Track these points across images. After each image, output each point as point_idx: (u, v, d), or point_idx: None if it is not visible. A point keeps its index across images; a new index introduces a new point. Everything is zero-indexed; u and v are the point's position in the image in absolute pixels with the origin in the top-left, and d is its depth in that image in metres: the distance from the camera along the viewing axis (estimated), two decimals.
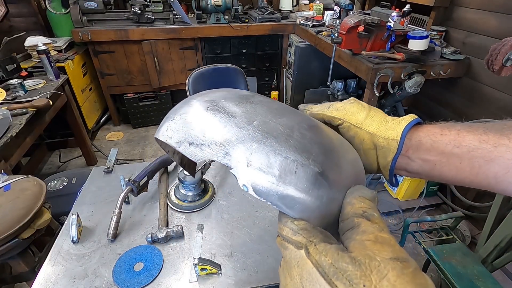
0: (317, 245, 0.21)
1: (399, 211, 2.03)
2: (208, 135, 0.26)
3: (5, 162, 1.45)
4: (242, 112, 0.28)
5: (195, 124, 0.27)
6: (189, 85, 1.81)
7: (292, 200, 0.23)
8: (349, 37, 1.83)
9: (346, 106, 0.37)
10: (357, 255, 0.19)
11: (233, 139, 0.25)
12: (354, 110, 0.36)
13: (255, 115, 0.27)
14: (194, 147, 0.26)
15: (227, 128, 0.26)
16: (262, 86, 3.27)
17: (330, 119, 0.37)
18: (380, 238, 0.19)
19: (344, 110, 0.36)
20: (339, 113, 0.36)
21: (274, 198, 0.23)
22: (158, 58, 2.77)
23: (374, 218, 0.22)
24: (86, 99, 2.71)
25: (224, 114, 0.27)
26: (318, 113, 0.38)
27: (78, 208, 0.97)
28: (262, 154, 0.24)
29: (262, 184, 0.23)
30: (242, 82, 1.95)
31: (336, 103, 0.38)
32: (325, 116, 0.37)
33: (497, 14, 1.65)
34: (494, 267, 1.26)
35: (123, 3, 2.99)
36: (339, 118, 0.36)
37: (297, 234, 0.22)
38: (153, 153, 2.74)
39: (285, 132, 0.26)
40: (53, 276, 0.77)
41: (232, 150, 0.25)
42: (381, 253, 0.18)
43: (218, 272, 0.77)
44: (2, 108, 1.49)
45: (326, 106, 0.38)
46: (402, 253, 0.19)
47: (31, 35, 2.32)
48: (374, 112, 0.36)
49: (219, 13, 2.77)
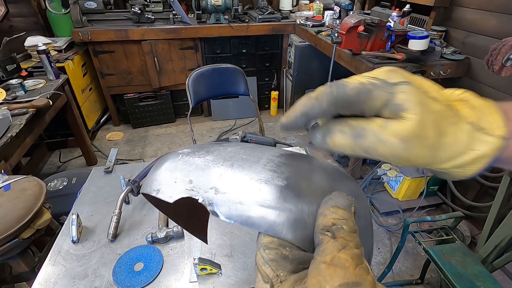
0: (283, 281, 0.21)
1: (399, 211, 2.03)
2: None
3: (5, 162, 1.44)
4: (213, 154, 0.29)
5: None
6: (189, 85, 1.81)
7: (260, 217, 0.23)
8: (349, 37, 1.83)
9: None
10: (309, 284, 0.18)
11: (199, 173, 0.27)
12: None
13: (223, 151, 0.29)
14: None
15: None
16: (262, 86, 3.27)
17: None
18: (336, 260, 0.18)
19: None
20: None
21: (242, 219, 0.23)
22: (158, 58, 2.77)
23: (340, 233, 0.20)
24: (86, 99, 2.71)
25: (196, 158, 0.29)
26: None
27: (78, 208, 0.97)
28: (227, 180, 0.25)
29: (229, 206, 0.24)
30: (242, 82, 1.95)
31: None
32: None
33: (497, 14, 1.65)
34: (494, 267, 1.26)
35: (123, 3, 2.99)
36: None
37: (266, 265, 0.22)
38: (153, 153, 2.74)
39: (251, 160, 0.27)
40: (53, 276, 0.77)
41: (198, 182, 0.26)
42: (332, 280, 0.18)
43: (218, 272, 0.77)
44: (2, 108, 1.49)
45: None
46: (354, 276, 0.18)
47: (31, 35, 2.32)
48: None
49: (219, 13, 2.77)
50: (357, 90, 0.23)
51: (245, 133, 1.82)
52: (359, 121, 0.24)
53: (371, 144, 0.23)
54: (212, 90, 1.93)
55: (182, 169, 0.27)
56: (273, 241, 0.23)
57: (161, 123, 3.15)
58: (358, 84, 0.23)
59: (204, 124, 3.21)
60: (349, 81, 0.23)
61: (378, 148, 0.22)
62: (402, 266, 1.73)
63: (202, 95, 1.89)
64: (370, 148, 0.23)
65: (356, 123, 0.24)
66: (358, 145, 0.23)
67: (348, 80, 0.23)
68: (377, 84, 0.22)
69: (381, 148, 0.22)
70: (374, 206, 2.10)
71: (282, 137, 2.97)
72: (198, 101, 1.86)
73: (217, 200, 0.24)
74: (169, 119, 3.15)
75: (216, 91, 1.95)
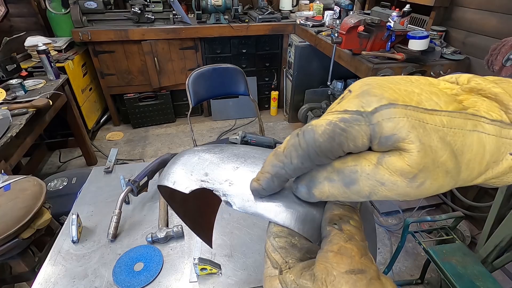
0: (291, 268, 0.21)
1: (399, 211, 2.03)
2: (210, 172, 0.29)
3: (5, 162, 1.45)
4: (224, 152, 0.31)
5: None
6: (189, 85, 1.81)
7: (271, 209, 0.24)
8: (349, 37, 1.83)
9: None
10: (317, 270, 0.19)
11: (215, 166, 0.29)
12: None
13: (236, 150, 0.31)
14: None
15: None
16: (262, 86, 3.27)
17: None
18: (343, 249, 0.19)
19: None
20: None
21: (254, 210, 0.24)
22: (158, 58, 2.77)
23: (346, 226, 0.21)
24: (86, 99, 2.71)
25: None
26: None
27: (78, 208, 0.97)
28: (241, 173, 0.26)
29: (242, 198, 0.25)
30: (242, 82, 1.95)
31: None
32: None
33: (497, 14, 1.65)
34: (494, 267, 1.26)
35: (123, 3, 2.99)
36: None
37: (275, 252, 0.23)
38: (153, 153, 2.74)
39: (263, 157, 0.28)
40: (53, 276, 0.77)
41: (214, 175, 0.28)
42: (339, 266, 0.18)
43: (218, 272, 0.77)
44: (2, 108, 1.49)
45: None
46: (360, 264, 0.18)
47: (31, 35, 2.32)
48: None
49: (219, 13, 2.77)
50: (328, 135, 0.18)
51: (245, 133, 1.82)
52: (346, 161, 0.19)
53: (370, 189, 0.18)
54: (212, 90, 1.93)
55: (198, 163, 0.29)
56: (283, 230, 0.24)
57: (161, 123, 3.15)
58: (327, 126, 0.18)
59: (204, 124, 3.21)
60: (316, 125, 0.18)
61: (380, 191, 0.18)
62: (402, 266, 1.73)
63: (202, 95, 1.89)
64: (369, 193, 0.18)
65: (343, 165, 0.19)
66: (353, 193, 0.19)
67: (316, 122, 0.19)
68: (350, 119, 0.17)
69: (384, 191, 0.18)
70: (374, 206, 2.10)
71: (282, 137, 2.97)
72: (198, 101, 1.86)
73: (231, 192, 0.25)
74: (169, 119, 3.15)
75: (216, 91, 1.95)
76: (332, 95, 2.77)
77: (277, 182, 0.22)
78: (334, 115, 0.18)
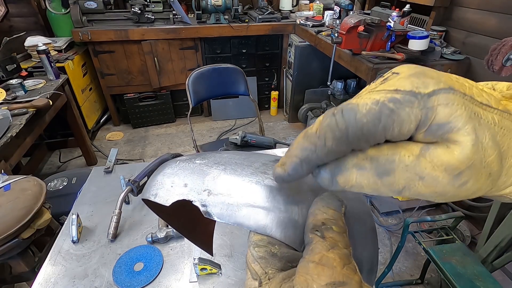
0: (271, 279, 0.21)
1: (399, 211, 2.03)
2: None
3: (5, 162, 1.45)
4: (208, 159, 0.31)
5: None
6: (189, 85, 1.81)
7: (250, 216, 0.23)
8: (349, 37, 1.83)
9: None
10: (296, 282, 0.18)
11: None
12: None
13: (218, 157, 0.30)
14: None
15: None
16: (262, 86, 3.27)
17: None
18: (324, 259, 0.18)
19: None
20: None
21: (233, 218, 0.24)
22: (158, 58, 2.77)
23: (329, 233, 0.20)
24: (86, 99, 2.71)
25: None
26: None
27: (78, 208, 0.97)
28: (220, 182, 0.26)
29: (221, 207, 0.24)
30: (242, 82, 1.95)
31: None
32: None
33: (497, 14, 1.65)
34: (494, 267, 1.26)
35: (123, 3, 2.99)
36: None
37: (255, 262, 0.22)
38: (153, 153, 2.74)
39: (244, 164, 0.28)
40: (53, 276, 0.77)
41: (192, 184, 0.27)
42: (319, 279, 0.17)
43: (218, 272, 0.77)
44: (2, 108, 1.49)
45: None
46: (341, 275, 0.18)
47: (31, 35, 2.32)
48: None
49: (219, 13, 2.77)
50: (373, 115, 0.16)
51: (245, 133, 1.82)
52: (382, 149, 0.17)
53: (405, 183, 0.16)
54: (212, 90, 1.93)
55: (178, 174, 0.29)
56: (263, 239, 0.23)
57: (161, 123, 3.15)
58: (373, 105, 0.16)
59: (204, 124, 3.21)
60: (359, 103, 0.16)
61: (416, 187, 0.16)
62: (402, 266, 1.73)
63: (202, 95, 1.89)
64: (403, 187, 0.16)
65: (378, 153, 0.17)
66: (385, 185, 0.17)
67: (358, 101, 0.16)
68: (401, 100, 0.15)
69: (420, 187, 0.16)
70: (374, 206, 2.10)
71: (282, 137, 2.97)
72: (198, 101, 1.86)
73: (210, 201, 0.25)
74: (169, 119, 3.15)
75: (216, 91, 1.95)
76: (332, 95, 2.78)
77: (305, 168, 0.19)
78: (381, 94, 0.16)
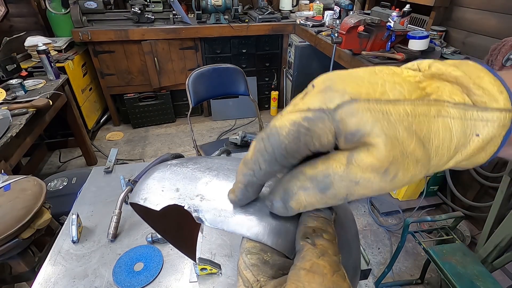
0: (263, 286, 0.21)
1: (399, 211, 2.03)
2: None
3: (5, 162, 1.45)
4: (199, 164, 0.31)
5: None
6: (189, 85, 1.81)
7: (242, 223, 0.23)
8: (349, 37, 1.83)
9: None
10: None
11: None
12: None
13: (210, 162, 0.30)
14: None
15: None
16: (262, 86, 3.27)
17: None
18: (315, 266, 0.19)
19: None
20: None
21: (225, 225, 0.24)
22: (158, 58, 2.77)
23: (319, 240, 0.20)
24: (86, 99, 2.71)
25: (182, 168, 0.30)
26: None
27: (78, 208, 0.97)
28: (213, 188, 0.26)
29: (214, 213, 0.24)
30: (242, 82, 1.95)
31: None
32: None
33: (497, 14, 1.65)
34: (494, 267, 1.26)
35: (123, 3, 2.99)
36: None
37: (247, 269, 0.22)
38: (153, 153, 2.74)
39: (236, 169, 0.27)
40: (53, 276, 0.77)
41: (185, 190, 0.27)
42: (310, 286, 0.18)
43: (218, 272, 0.77)
44: (2, 108, 1.49)
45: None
46: (331, 282, 0.18)
47: (31, 35, 2.32)
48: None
49: (219, 13, 2.77)
50: (292, 136, 0.17)
51: (245, 133, 1.82)
52: (317, 166, 0.18)
53: (346, 191, 0.18)
54: (212, 90, 1.93)
55: (169, 179, 0.28)
56: (255, 246, 0.23)
57: (161, 123, 3.15)
58: (291, 127, 0.17)
59: (204, 124, 3.21)
60: (280, 126, 0.18)
61: (355, 191, 0.18)
62: (402, 266, 1.73)
63: (202, 95, 1.89)
64: (347, 194, 0.18)
65: (315, 171, 0.18)
66: (330, 198, 0.18)
67: (279, 124, 0.18)
68: (313, 118, 0.17)
69: (360, 190, 0.18)
70: (374, 206, 2.10)
71: None
72: (198, 101, 1.86)
73: (203, 207, 0.24)
74: (169, 119, 3.15)
75: (216, 91, 1.95)
76: None
77: (251, 191, 0.22)
78: (297, 114, 0.17)
